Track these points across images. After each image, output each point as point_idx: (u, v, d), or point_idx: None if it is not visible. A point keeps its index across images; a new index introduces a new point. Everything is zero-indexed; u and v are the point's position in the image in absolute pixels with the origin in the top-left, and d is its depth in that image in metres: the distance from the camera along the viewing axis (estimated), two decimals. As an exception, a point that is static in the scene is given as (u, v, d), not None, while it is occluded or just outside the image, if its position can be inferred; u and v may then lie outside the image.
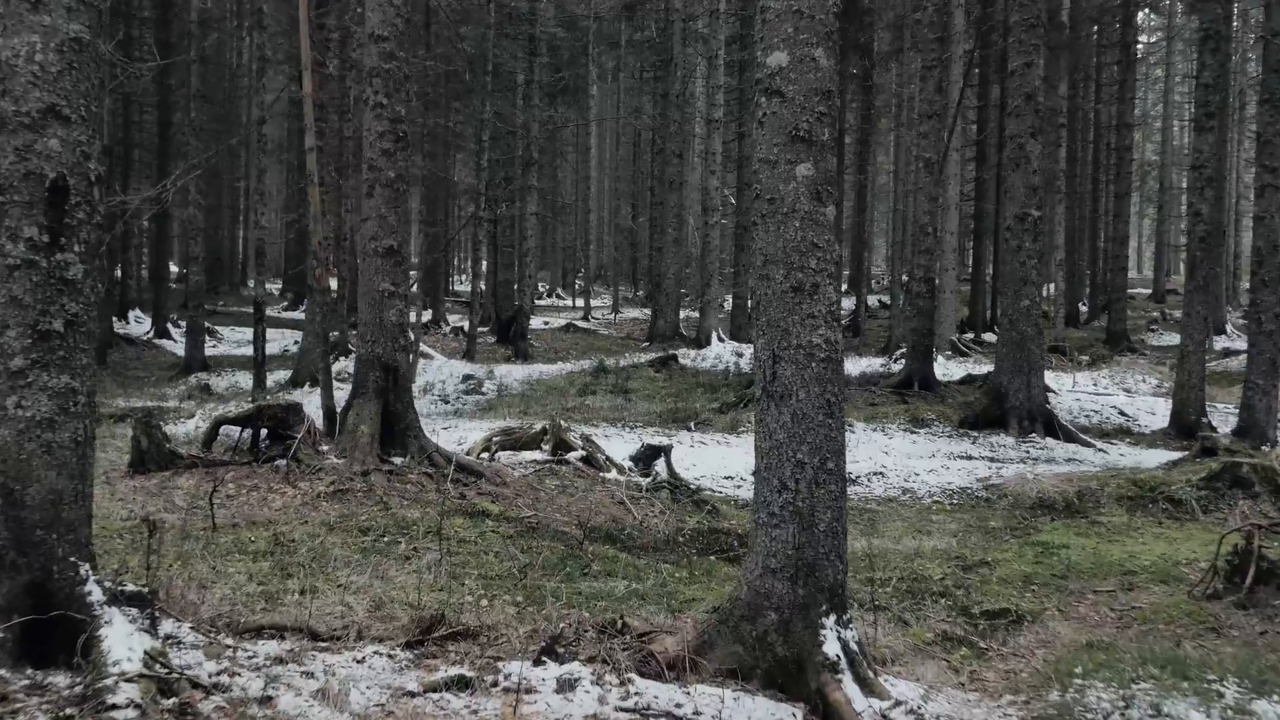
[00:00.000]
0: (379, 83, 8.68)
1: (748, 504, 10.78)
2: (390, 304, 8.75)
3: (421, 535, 7.18)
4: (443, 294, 37.65)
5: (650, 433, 13.30)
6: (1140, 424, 16.85)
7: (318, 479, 7.99)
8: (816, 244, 4.92)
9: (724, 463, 11.88)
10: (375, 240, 8.74)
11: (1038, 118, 14.48)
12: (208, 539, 6.83)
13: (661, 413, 14.73)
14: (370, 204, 8.76)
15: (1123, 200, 32.86)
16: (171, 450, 8.23)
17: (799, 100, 4.91)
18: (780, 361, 4.93)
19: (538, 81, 24.84)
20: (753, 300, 5.15)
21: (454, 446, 10.71)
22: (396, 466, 8.46)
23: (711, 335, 24.02)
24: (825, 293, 4.94)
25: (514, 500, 8.61)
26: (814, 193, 4.92)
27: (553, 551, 7.28)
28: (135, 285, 34.06)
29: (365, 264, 8.80)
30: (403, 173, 8.81)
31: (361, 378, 8.77)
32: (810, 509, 4.91)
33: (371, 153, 8.74)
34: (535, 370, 20.98)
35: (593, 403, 16.50)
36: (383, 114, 8.70)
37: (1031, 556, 8.60)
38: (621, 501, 9.40)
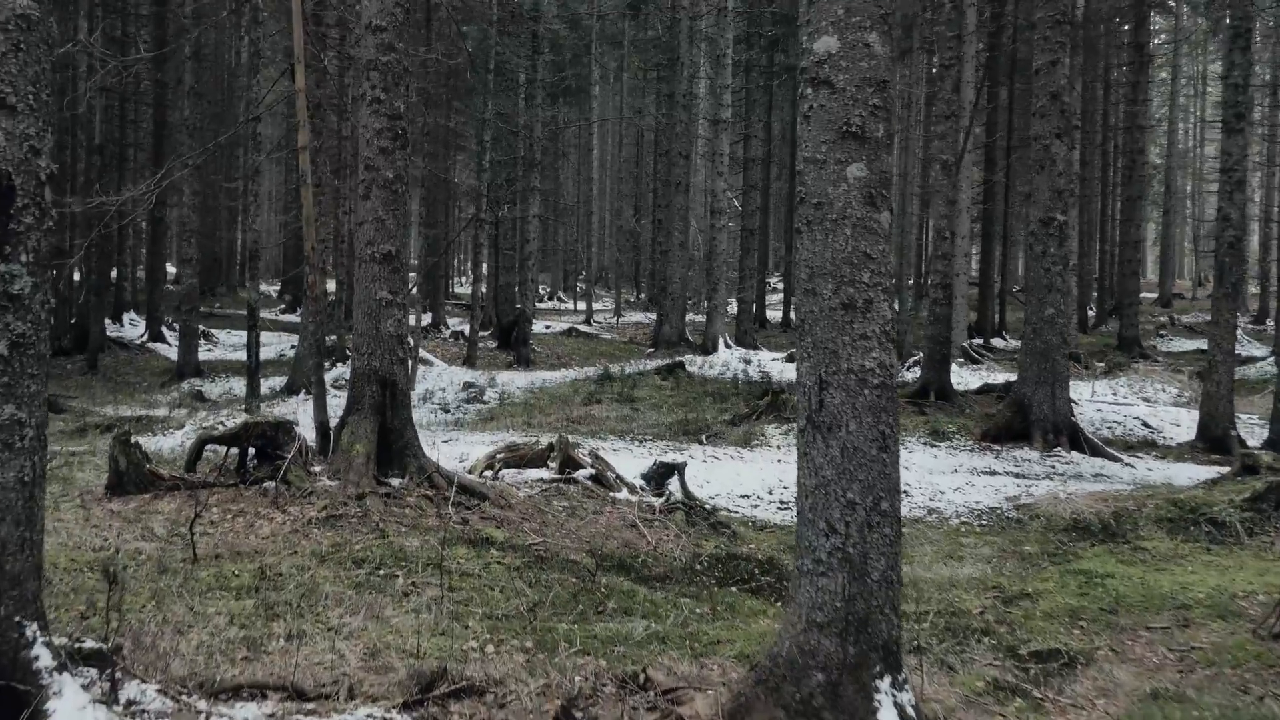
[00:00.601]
0: (376, 76, 8.10)
1: (766, 525, 10.24)
2: (388, 313, 8.16)
3: (421, 567, 6.59)
4: (443, 297, 37.07)
5: (660, 446, 12.72)
6: (1165, 436, 16.27)
7: (309, 503, 7.41)
8: (869, 255, 4.34)
9: (739, 479, 11.30)
10: (372, 245, 8.16)
11: (1063, 118, 13.91)
12: (187, 572, 6.24)
13: (671, 424, 14.14)
14: (367, 206, 8.18)
15: (1135, 204, 32.30)
16: (152, 471, 7.64)
17: (850, 91, 4.33)
18: (828, 388, 4.35)
19: (540, 81, 24.26)
20: (797, 317, 4.57)
21: (455, 464, 10.12)
22: (394, 488, 7.87)
23: (719, 341, 23.45)
24: (879, 310, 4.36)
25: (520, 525, 8.02)
26: (867, 197, 4.34)
27: (563, 586, 6.69)
28: (130, 287, 33.45)
29: (361, 271, 8.22)
30: (401, 173, 8.22)
31: (357, 393, 8.18)
32: (862, 556, 4.32)
33: (368, 151, 8.15)
34: (538, 377, 20.40)
35: (598, 412, 15.93)
36: (380, 110, 8.12)
37: (1075, 587, 8.01)
38: (634, 524, 8.82)
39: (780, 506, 10.50)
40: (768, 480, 11.28)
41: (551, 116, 31.92)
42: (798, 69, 4.57)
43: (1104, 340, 33.09)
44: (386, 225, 8.15)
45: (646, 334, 36.10)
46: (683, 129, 24.77)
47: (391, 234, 8.15)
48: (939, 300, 16.93)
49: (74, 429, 13.78)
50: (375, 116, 8.14)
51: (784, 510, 10.43)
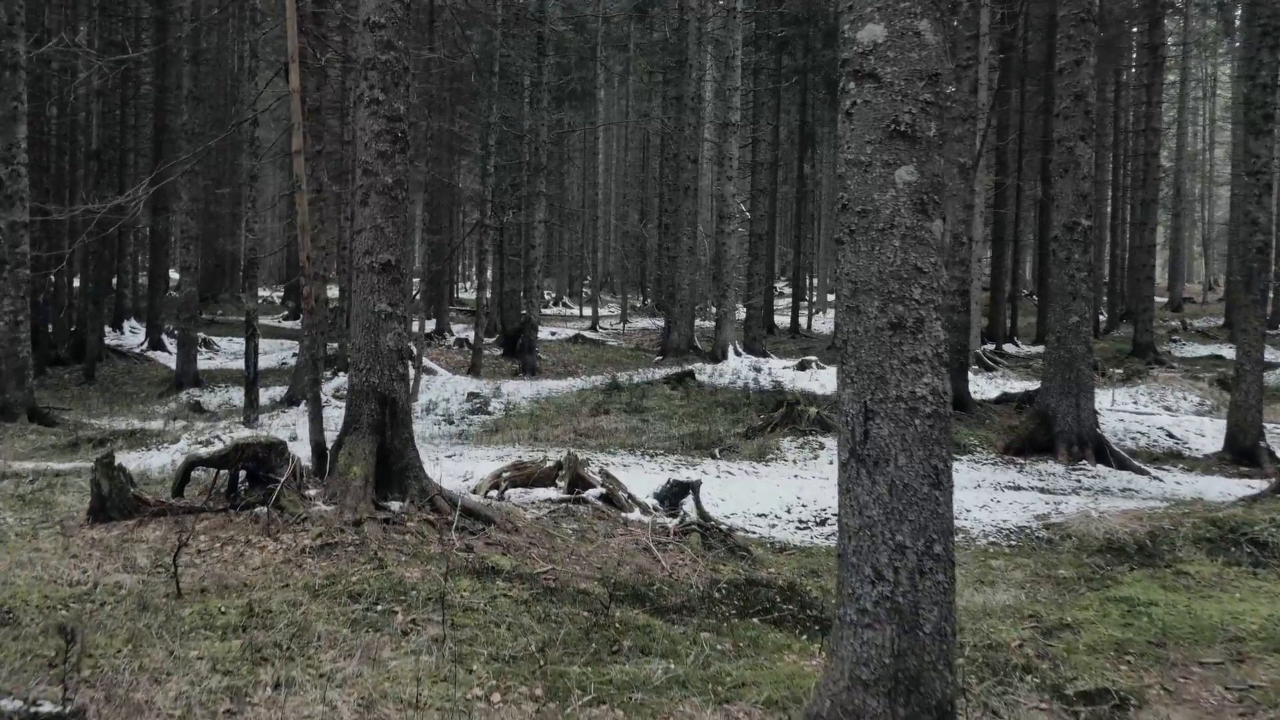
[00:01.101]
0: (375, 75, 7.66)
1: (785, 547, 9.76)
2: (387, 326, 7.71)
3: (422, 602, 6.13)
4: (447, 303, 36.63)
5: (671, 461, 12.25)
6: (1191, 447, 15.77)
7: (302, 530, 6.95)
8: (920, 268, 3.88)
9: (754, 496, 10.83)
10: (370, 255, 7.70)
11: (1088, 119, 13.46)
12: (169, 610, 5.79)
13: (682, 437, 13.67)
14: (365, 213, 7.73)
15: (1149, 207, 31.78)
16: (137, 496, 7.19)
17: (898, 85, 3.87)
18: (874, 418, 3.88)
19: (546, 84, 23.84)
20: (838, 338, 4.10)
21: (459, 483, 9.67)
22: (394, 513, 7.41)
23: (728, 348, 22.96)
24: (931, 330, 3.90)
25: (527, 551, 7.56)
26: (917, 203, 3.88)
27: (574, 621, 6.23)
28: (131, 294, 33.08)
29: (359, 281, 7.77)
30: (401, 178, 7.77)
31: (355, 411, 7.72)
32: (913, 606, 3.86)
33: (366, 155, 7.70)
34: (544, 386, 19.94)
35: (607, 424, 15.46)
36: (379, 111, 7.67)
37: (1117, 616, 7.53)
38: (647, 548, 8.35)
39: (799, 526, 10.03)
40: (784, 497, 10.81)
41: (557, 120, 31.47)
42: (839, 61, 4.11)
43: (1117, 346, 32.56)
44: (385, 233, 7.70)
45: (653, 340, 35.65)
46: (691, 132, 24.30)
47: (391, 242, 7.69)
48: (956, 307, 16.45)
49: (65, 443, 13.35)
50: (373, 118, 7.69)
51: (802, 530, 9.97)
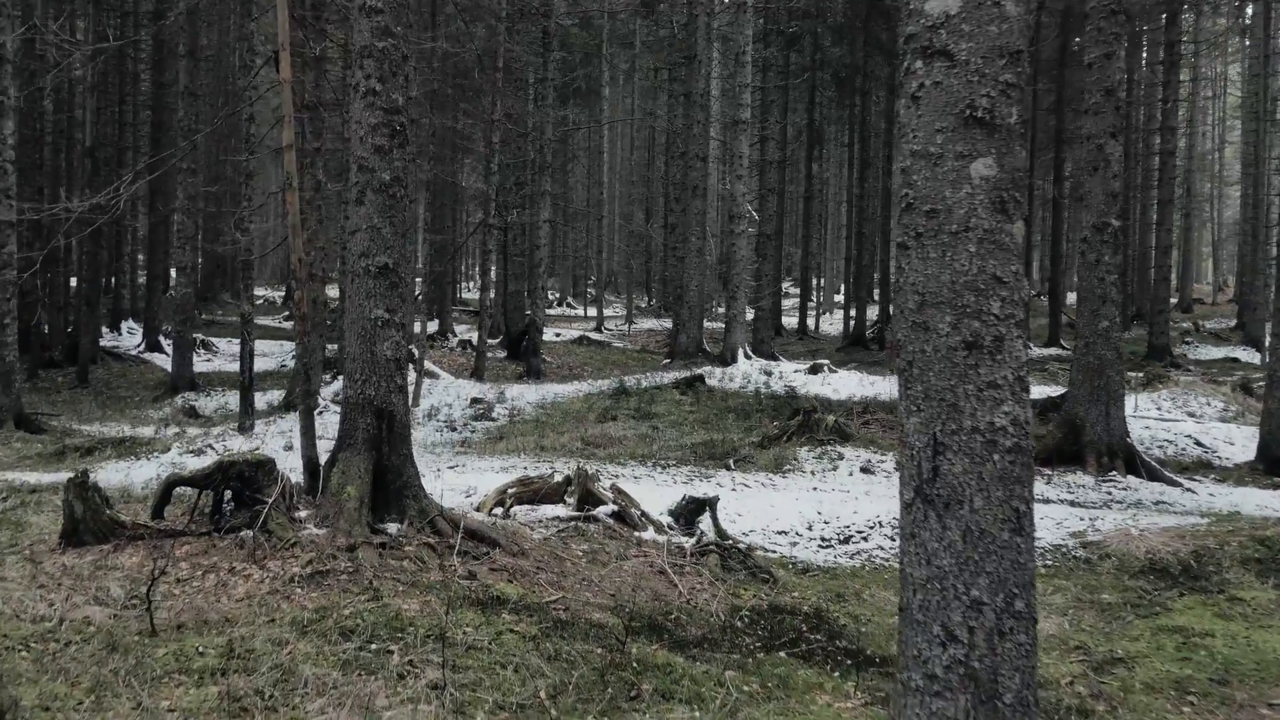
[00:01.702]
0: (371, 64, 7.11)
1: (808, 568, 9.20)
2: (384, 334, 7.16)
3: (420, 640, 5.58)
4: (449, 304, 36.11)
5: (684, 473, 11.69)
6: (1221, 456, 15.18)
7: (291, 557, 6.40)
8: (1000, 278, 3.32)
9: (773, 511, 10.26)
10: (365, 257, 7.15)
11: (1118, 115, 12.87)
12: (141, 651, 5.24)
13: (695, 446, 13.11)
14: (360, 213, 7.18)
15: (1165, 207, 31.23)
16: (112, 518, 6.64)
17: (975, 64, 3.32)
18: (945, 452, 3.33)
19: (551, 81, 23.29)
20: (900, 360, 3.54)
21: (462, 500, 9.12)
22: (391, 536, 6.86)
23: (737, 351, 22.40)
24: (1012, 350, 3.34)
25: (535, 577, 7.01)
26: (996, 202, 3.32)
27: (588, 660, 5.67)
28: (130, 294, 32.58)
29: (354, 286, 7.22)
30: (400, 175, 7.22)
31: (349, 425, 7.18)
32: (992, 672, 3.30)
33: (362, 150, 7.15)
34: (549, 391, 19.39)
35: (615, 431, 14.90)
36: (375, 102, 7.12)
37: (1172, 649, 6.98)
38: (663, 571, 7.81)
39: (821, 544, 9.47)
40: (805, 513, 10.25)
41: (562, 117, 30.91)
42: (901, 37, 3.56)
43: (1130, 348, 31.80)
44: (382, 234, 7.15)
45: (659, 342, 35.09)
46: (700, 129, 23.74)
47: (388, 244, 7.14)
48: (977, 311, 15.86)
49: (52, 452, 12.82)
50: (370, 110, 7.14)
51: (825, 549, 9.41)
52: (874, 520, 9.99)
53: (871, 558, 9.20)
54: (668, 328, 37.46)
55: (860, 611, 7.73)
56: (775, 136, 31.33)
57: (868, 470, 12.22)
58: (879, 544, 9.52)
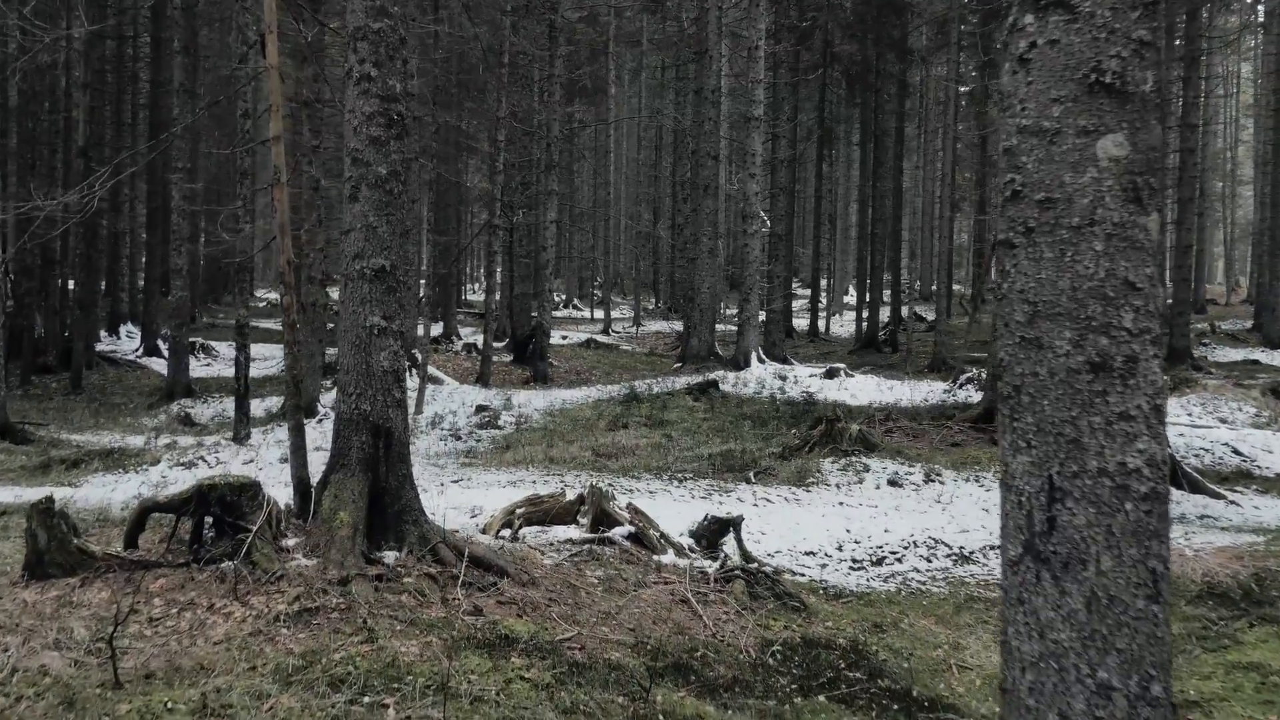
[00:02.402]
0: (365, 48, 6.47)
1: (840, 593, 8.53)
2: (380, 344, 6.52)
3: (419, 691, 4.93)
4: (455, 306, 35.50)
5: (703, 487, 11.04)
6: (1260, 465, 14.49)
7: (277, 591, 5.76)
8: (1133, 283, 2.68)
9: (799, 529, 9.62)
10: (360, 259, 6.52)
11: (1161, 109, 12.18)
12: (103, 706, 4.61)
13: (713, 457, 12.45)
14: (354, 210, 6.54)
15: (1186, 206, 30.47)
16: (81, 548, 6.01)
17: (1102, 17, 2.67)
18: (1064, 499, 2.68)
19: (558, 77, 22.66)
20: (1005, 383, 2.90)
21: (466, 520, 8.48)
22: (388, 567, 6.22)
23: (750, 355, 21.74)
24: (1148, 374, 2.70)
25: (547, 610, 6.37)
26: (1128, 189, 2.68)
27: (608, 713, 5.03)
28: (129, 297, 32.01)
29: (347, 291, 6.59)
30: (397, 169, 6.59)
31: (342, 444, 6.54)
32: (1125, 775, 2.65)
33: (356, 142, 6.52)
34: (557, 397, 18.75)
35: (626, 440, 14.26)
36: (371, 89, 6.48)
37: (1251, 689, 6.32)
38: (685, 599, 7.16)
39: (853, 566, 8.82)
40: (833, 530, 9.60)
41: (569, 114, 30.26)
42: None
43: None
44: (379, 233, 6.51)
45: (668, 344, 34.45)
46: (711, 127, 23.07)
47: (385, 244, 6.51)
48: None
49: (36, 464, 12.20)
50: (364, 98, 6.50)
51: (857, 571, 8.76)
52: (907, 539, 9.34)
53: (907, 581, 8.55)
54: (676, 329, 36.82)
55: (901, 644, 7.08)
56: (786, 134, 30.69)
57: (895, 483, 11.56)
58: (914, 565, 8.86)
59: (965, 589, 8.33)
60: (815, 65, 34.23)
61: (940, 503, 11.10)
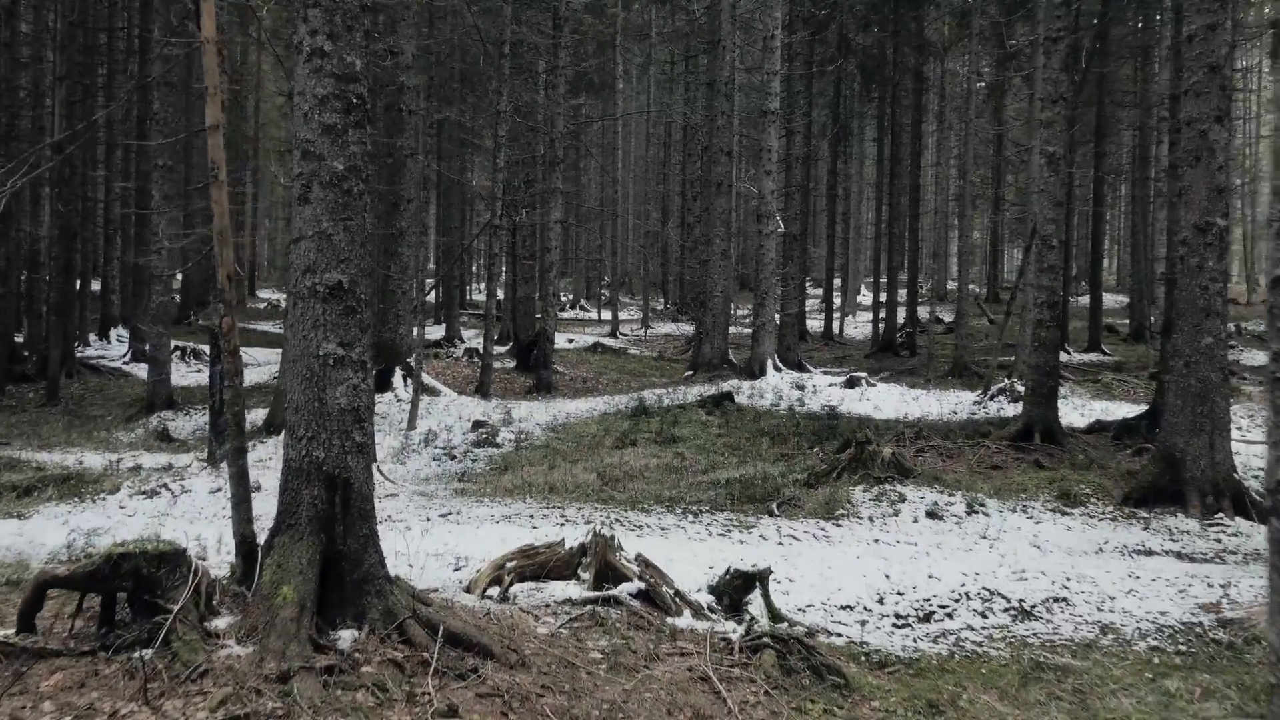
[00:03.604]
0: (318, 16, 5.30)
1: (885, 660, 7.30)
2: (337, 377, 5.36)
3: (365, 845, 3.77)
4: (457, 307, 34.34)
5: (721, 522, 9.86)
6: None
7: (199, 693, 4.61)
8: None
9: (831, 574, 8.43)
10: (312, 274, 5.36)
11: (1224, 97, 11.00)
12: None
13: (730, 484, 11.26)
14: (305, 215, 5.38)
15: (1218, 204, 29.16)
16: (-40, 633, 4.89)
17: None
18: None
19: (563, 70, 21.49)
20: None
21: (449, 574, 7.32)
22: (343, 654, 5.06)
23: (766, 363, 20.55)
24: None
25: (538, 702, 5.21)
26: None
27: None
28: (119, 299, 30.93)
29: (296, 312, 5.43)
30: (359, 164, 5.42)
31: (290, 499, 5.38)
32: None
33: (307, 131, 5.36)
34: (561, 409, 17.58)
35: (635, 460, 13.09)
36: (324, 66, 5.32)
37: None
38: (705, 677, 6.01)
39: (897, 623, 7.63)
40: (870, 576, 8.41)
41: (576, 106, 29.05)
42: None
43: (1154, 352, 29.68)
44: (334, 242, 5.35)
45: (677, 348, 33.26)
46: (724, 122, 21.86)
47: (342, 255, 5.35)
48: (1044, 323, 14.01)
49: (-16, 491, 11.06)
50: (317, 78, 5.34)
51: (902, 629, 7.57)
52: (958, 590, 8.15)
53: (960, 642, 7.36)
54: (685, 332, 35.64)
55: (964, 730, 5.92)
56: (800, 130, 29.48)
57: (935, 515, 10.37)
58: (967, 622, 7.68)
59: (1029, 652, 7.15)
60: (830, 59, 32.99)
61: (986, 538, 9.92)
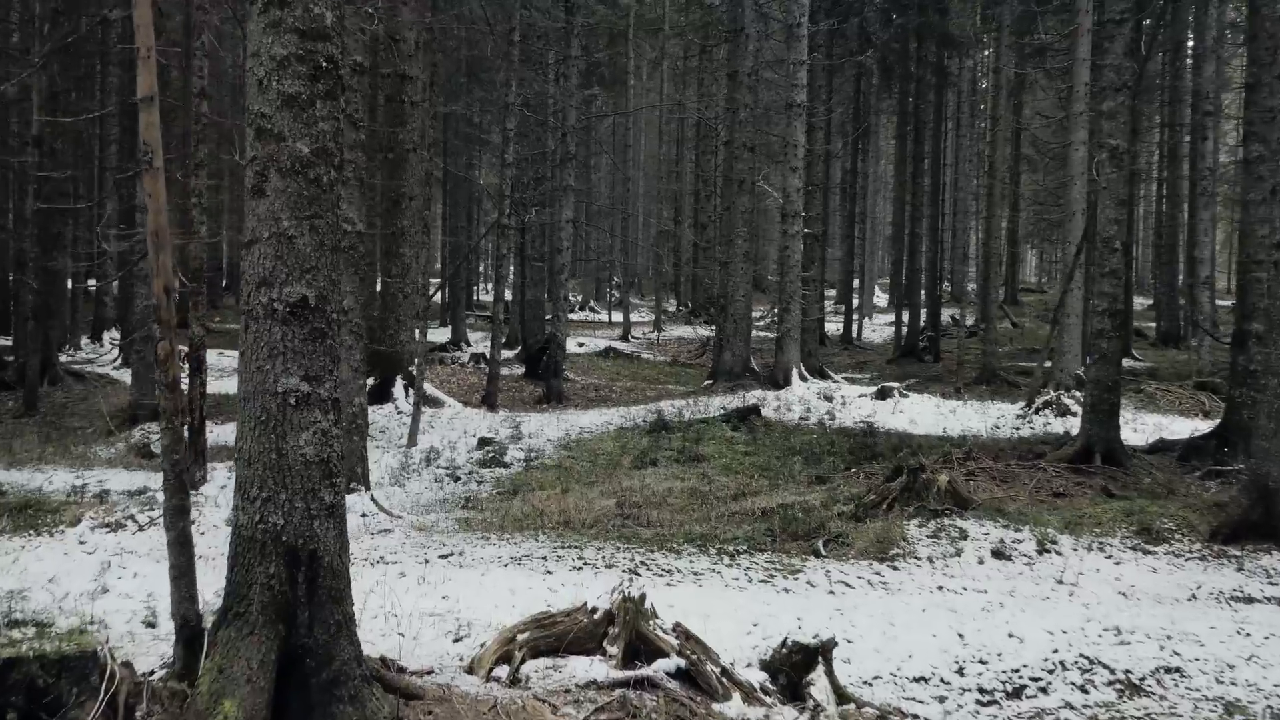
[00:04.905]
0: (275, -48, 4.10)
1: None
2: (301, 420, 4.16)
3: None
4: (464, 309, 33.12)
5: (761, 565, 8.62)
6: None
7: None
8: None
9: (895, 633, 7.19)
10: (269, 287, 4.15)
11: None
12: None
13: (768, 515, 9.98)
14: (261, 210, 4.18)
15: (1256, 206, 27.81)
16: None
17: None
18: None
19: (574, 59, 20.25)
20: None
21: (446, 645, 6.10)
22: (303, 789, 3.86)
23: (791, 372, 19.32)
24: None
25: (559, 847, 3.99)
26: None
27: None
28: (113, 301, 29.80)
29: (249, 336, 4.23)
30: (330, 146, 4.22)
31: (240, 579, 4.18)
32: None
33: (262, 103, 4.15)
34: (573, 422, 16.37)
35: (656, 483, 11.87)
36: (284, 21, 4.12)
37: None
38: (766, 792, 4.77)
39: (982, 700, 6.39)
40: (941, 637, 7.17)
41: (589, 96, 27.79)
42: None
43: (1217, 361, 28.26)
44: (297, 247, 4.15)
45: (691, 352, 32.03)
46: (747, 114, 20.60)
47: (308, 264, 4.15)
48: (1106, 331, 12.75)
49: (-71, 522, 9.86)
50: (274, 34, 4.14)
51: (989, 707, 6.33)
52: (1049, 656, 6.89)
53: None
54: (700, 335, 34.41)
55: None
56: (821, 126, 28.24)
57: (1001, 555, 9.14)
58: (1065, 699, 6.43)
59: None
60: (851, 52, 31.74)
61: (1063, 584, 8.67)
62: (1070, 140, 22.19)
